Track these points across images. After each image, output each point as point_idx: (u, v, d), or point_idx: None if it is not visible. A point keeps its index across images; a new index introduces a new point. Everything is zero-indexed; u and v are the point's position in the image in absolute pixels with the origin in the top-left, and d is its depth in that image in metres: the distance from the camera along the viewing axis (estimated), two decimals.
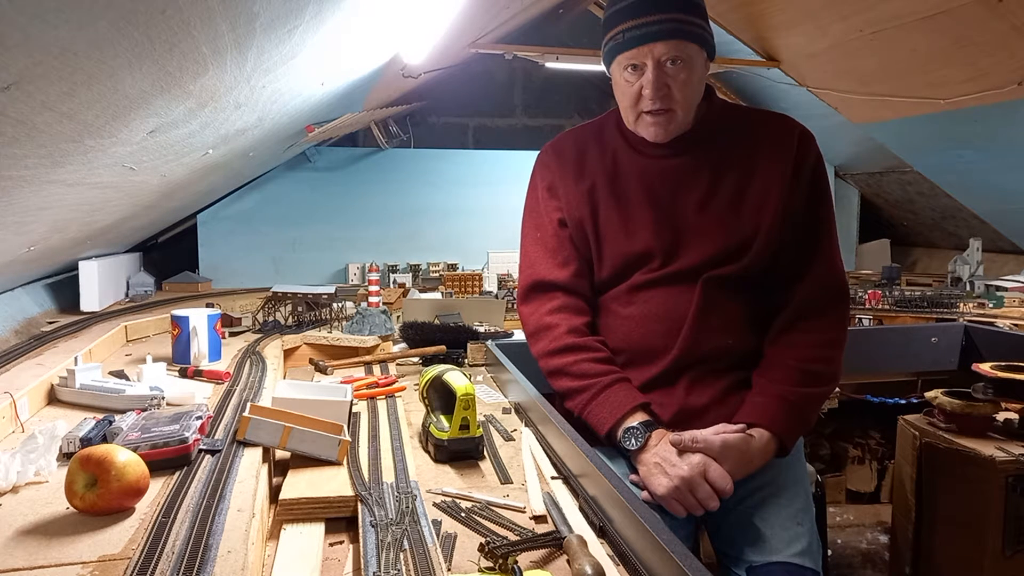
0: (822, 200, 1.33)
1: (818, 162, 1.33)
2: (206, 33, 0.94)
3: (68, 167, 1.21)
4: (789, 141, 1.31)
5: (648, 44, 1.21)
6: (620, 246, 1.34)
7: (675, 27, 1.20)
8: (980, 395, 1.63)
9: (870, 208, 4.09)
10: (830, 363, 1.28)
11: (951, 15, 2.22)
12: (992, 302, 2.74)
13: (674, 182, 1.33)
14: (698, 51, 1.24)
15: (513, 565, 0.79)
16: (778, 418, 1.22)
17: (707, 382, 1.29)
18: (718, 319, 1.29)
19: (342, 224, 3.54)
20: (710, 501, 1.13)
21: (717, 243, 1.29)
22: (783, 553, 1.18)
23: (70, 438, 1.09)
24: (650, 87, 1.23)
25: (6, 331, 1.85)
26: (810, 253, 1.31)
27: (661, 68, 1.23)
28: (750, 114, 1.40)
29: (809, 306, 1.30)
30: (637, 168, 1.35)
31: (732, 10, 2.97)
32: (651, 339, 1.31)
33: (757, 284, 1.32)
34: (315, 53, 1.45)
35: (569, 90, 4.05)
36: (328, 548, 0.92)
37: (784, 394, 1.24)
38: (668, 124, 1.28)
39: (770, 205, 1.28)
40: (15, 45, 0.68)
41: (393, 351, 1.92)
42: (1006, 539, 1.54)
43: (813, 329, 1.29)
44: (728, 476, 1.13)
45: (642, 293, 1.33)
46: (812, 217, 1.32)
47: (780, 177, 1.28)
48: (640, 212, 1.34)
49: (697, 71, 1.25)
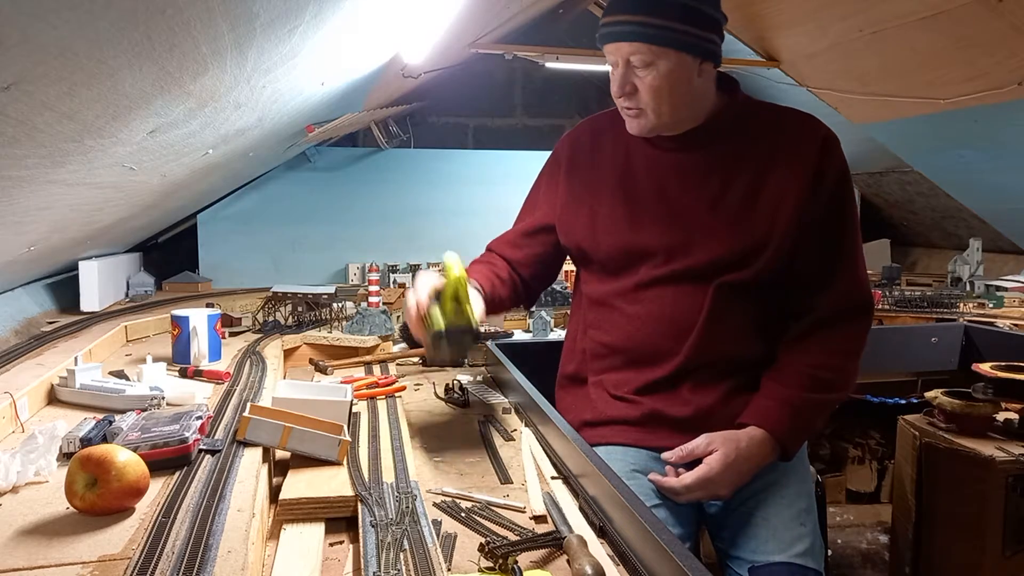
0: (845, 208, 1.28)
1: (843, 168, 1.28)
2: (206, 33, 0.94)
3: (68, 167, 1.21)
4: (811, 144, 1.26)
5: (615, 43, 1.21)
6: (624, 238, 1.32)
7: (643, 31, 1.18)
8: (980, 395, 1.63)
9: (870, 208, 4.09)
10: (843, 372, 1.26)
11: (951, 15, 2.21)
12: (992, 302, 2.73)
13: (685, 177, 1.30)
14: (673, 54, 1.20)
15: (513, 565, 0.79)
16: (782, 422, 1.21)
17: (711, 386, 1.28)
18: (727, 326, 1.26)
19: (342, 224, 3.54)
20: None
21: (726, 243, 1.26)
22: (786, 553, 1.18)
23: (70, 438, 1.09)
24: (615, 84, 1.24)
25: (6, 331, 1.84)
26: (834, 263, 1.28)
27: (629, 67, 1.22)
28: (775, 112, 1.35)
29: (832, 316, 1.27)
30: (648, 160, 1.34)
31: (732, 10, 2.94)
32: (656, 340, 1.29)
33: (768, 290, 1.29)
34: (315, 53, 1.45)
35: (569, 90, 4.05)
36: (328, 548, 0.92)
37: (790, 398, 1.22)
38: (639, 119, 1.27)
39: (785, 209, 1.24)
40: (15, 45, 0.68)
41: (393, 351, 1.92)
42: (1006, 539, 1.54)
43: (831, 338, 1.27)
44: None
45: (649, 291, 1.30)
46: (835, 225, 1.27)
47: (798, 181, 1.24)
48: (648, 206, 1.31)
49: (672, 74, 1.21)
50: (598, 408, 1.35)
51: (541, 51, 3.01)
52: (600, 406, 1.35)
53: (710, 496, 1.21)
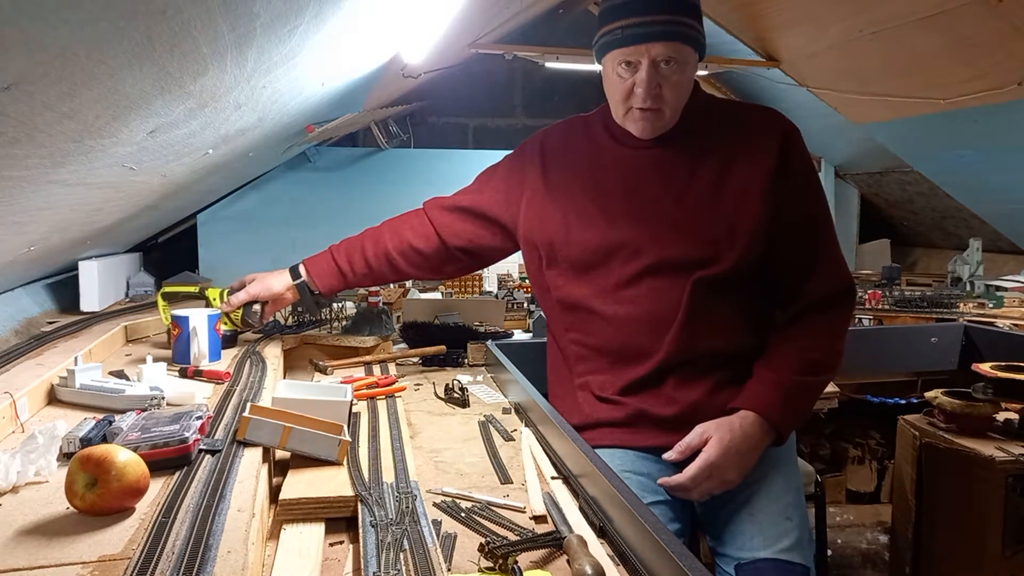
0: (816, 195, 1.33)
1: (805, 157, 1.32)
2: (206, 33, 0.94)
3: (68, 167, 1.21)
4: (773, 134, 1.31)
5: (646, 43, 1.22)
6: (597, 234, 1.33)
7: (674, 29, 1.21)
8: (980, 395, 1.63)
9: (870, 208, 4.09)
10: (830, 353, 1.30)
11: (951, 15, 2.21)
12: (992, 302, 2.73)
13: (653, 173, 1.33)
14: (691, 53, 1.25)
15: (513, 565, 0.79)
16: (774, 405, 1.23)
17: (695, 382, 1.29)
18: (708, 321, 1.28)
19: (342, 224, 3.51)
20: None
21: (693, 234, 1.28)
22: (771, 549, 1.18)
23: (70, 438, 1.09)
24: (643, 86, 1.24)
25: (6, 331, 1.85)
26: (815, 251, 1.31)
27: (656, 68, 1.24)
28: (735, 107, 1.41)
29: (818, 301, 1.31)
30: (618, 160, 1.36)
31: (732, 10, 2.97)
32: (637, 339, 1.30)
33: (748, 283, 1.31)
34: (315, 53, 1.45)
35: (569, 90, 4.05)
36: (328, 548, 0.92)
37: (780, 381, 1.24)
38: (656, 121, 1.29)
39: (750, 200, 1.27)
40: (15, 45, 0.68)
41: (393, 351, 1.92)
42: (1006, 539, 1.54)
43: (817, 322, 1.30)
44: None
45: (627, 291, 1.31)
46: (808, 213, 1.31)
47: (761, 172, 1.28)
48: (619, 203, 1.33)
49: (688, 72, 1.27)
50: (584, 411, 1.36)
51: (541, 51, 3.01)
52: (587, 409, 1.36)
53: (721, 483, 1.21)
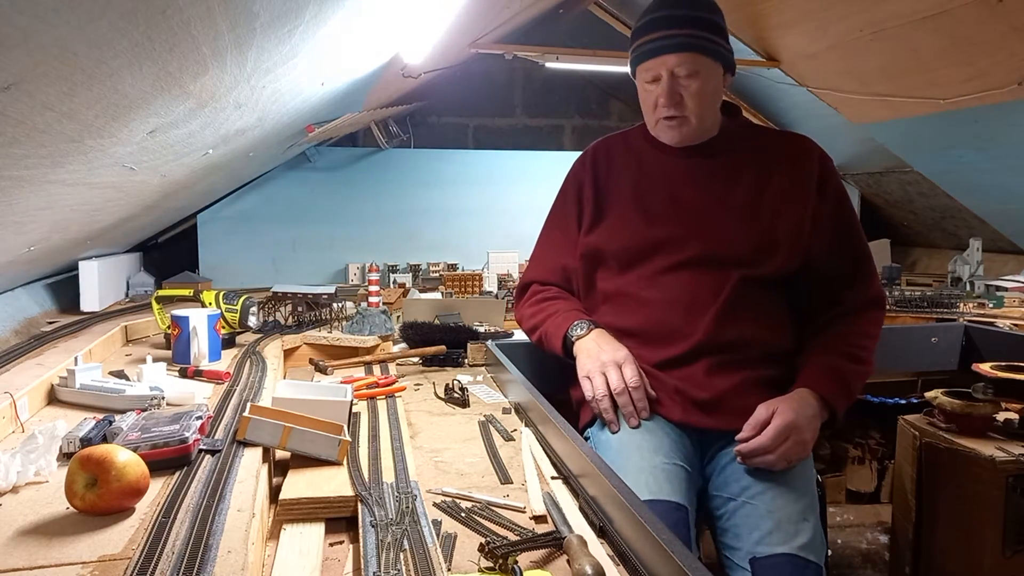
0: (852, 214, 1.47)
1: (838, 179, 1.47)
2: (206, 33, 0.94)
3: (68, 167, 1.21)
4: (811, 156, 1.45)
5: (662, 56, 1.35)
6: (639, 233, 1.44)
7: (690, 42, 1.34)
8: (980, 395, 1.63)
9: (870, 208, 4.09)
10: (868, 351, 1.42)
11: (951, 15, 2.21)
12: (992, 302, 2.73)
13: (694, 180, 1.45)
14: (711, 63, 1.36)
15: (513, 565, 0.79)
16: (829, 385, 1.32)
17: (727, 371, 1.35)
18: (745, 312, 1.37)
19: (342, 224, 3.54)
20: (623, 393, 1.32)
21: (738, 236, 1.39)
22: (788, 545, 1.21)
23: (70, 438, 1.09)
24: (664, 95, 1.37)
25: (6, 331, 1.85)
26: (853, 265, 1.46)
27: (674, 78, 1.36)
28: (771, 131, 1.59)
29: (855, 308, 1.44)
30: (661, 166, 1.49)
31: (732, 10, 2.96)
32: (671, 320, 1.39)
33: (785, 288, 1.43)
34: (315, 53, 1.45)
35: (569, 90, 4.05)
36: (328, 548, 0.92)
37: (833, 364, 1.35)
38: (681, 128, 1.40)
39: (788, 212, 1.39)
40: (15, 45, 0.68)
41: (393, 351, 1.92)
42: (1006, 539, 1.54)
43: (857, 323, 1.43)
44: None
45: (666, 277, 1.41)
46: (847, 231, 1.45)
47: (800, 189, 1.41)
48: (661, 205, 1.45)
49: (711, 82, 1.38)
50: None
51: (541, 51, 3.01)
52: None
53: (798, 444, 1.26)
